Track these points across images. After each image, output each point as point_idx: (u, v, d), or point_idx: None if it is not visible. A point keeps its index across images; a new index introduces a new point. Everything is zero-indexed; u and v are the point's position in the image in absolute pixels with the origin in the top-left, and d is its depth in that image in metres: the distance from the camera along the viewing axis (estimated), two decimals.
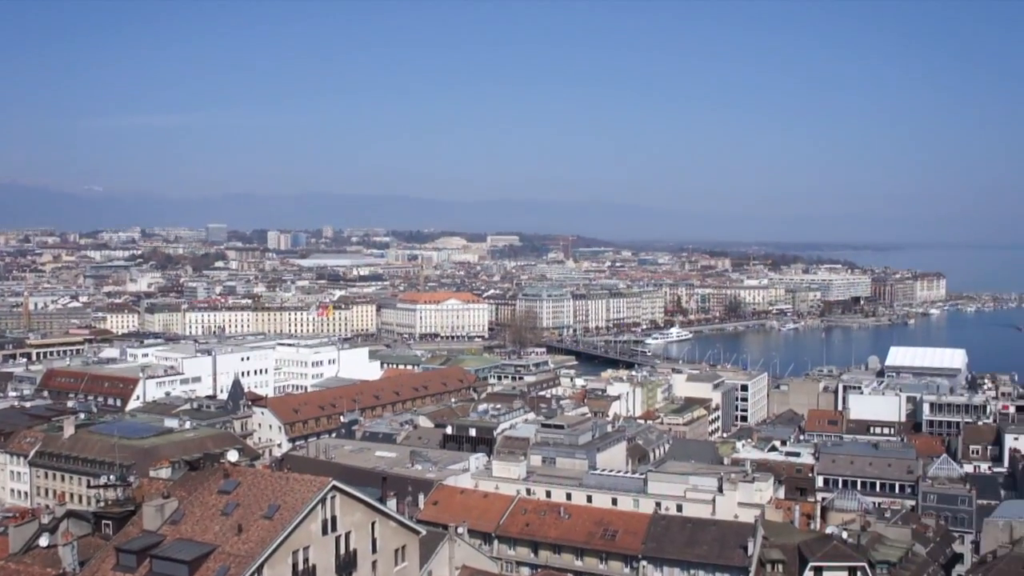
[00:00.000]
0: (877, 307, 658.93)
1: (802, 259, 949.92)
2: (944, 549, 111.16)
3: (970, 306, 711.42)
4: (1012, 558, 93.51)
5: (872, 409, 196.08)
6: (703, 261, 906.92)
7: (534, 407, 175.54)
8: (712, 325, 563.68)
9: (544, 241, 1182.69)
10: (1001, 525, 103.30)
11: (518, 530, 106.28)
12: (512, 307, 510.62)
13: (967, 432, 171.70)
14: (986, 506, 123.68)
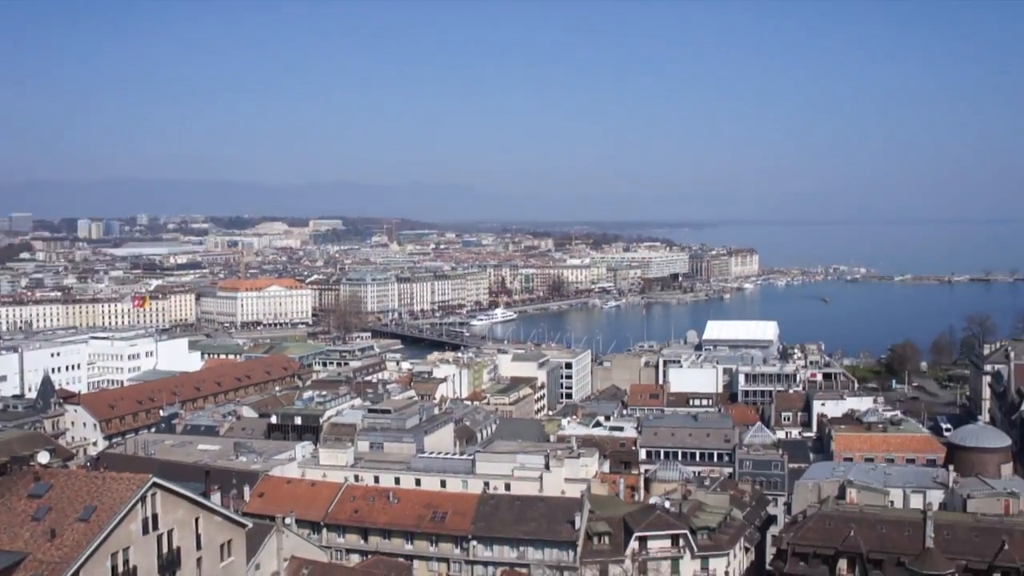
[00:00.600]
0: (695, 283, 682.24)
1: (623, 238, 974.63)
2: (760, 512, 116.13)
3: (781, 280, 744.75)
4: (820, 516, 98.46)
5: (691, 382, 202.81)
6: (527, 242, 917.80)
7: (360, 392, 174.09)
8: (536, 305, 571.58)
9: (368, 225, 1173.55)
10: (811, 486, 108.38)
11: (347, 517, 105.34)
12: (336, 292, 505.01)
13: (779, 400, 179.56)
14: (797, 469, 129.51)
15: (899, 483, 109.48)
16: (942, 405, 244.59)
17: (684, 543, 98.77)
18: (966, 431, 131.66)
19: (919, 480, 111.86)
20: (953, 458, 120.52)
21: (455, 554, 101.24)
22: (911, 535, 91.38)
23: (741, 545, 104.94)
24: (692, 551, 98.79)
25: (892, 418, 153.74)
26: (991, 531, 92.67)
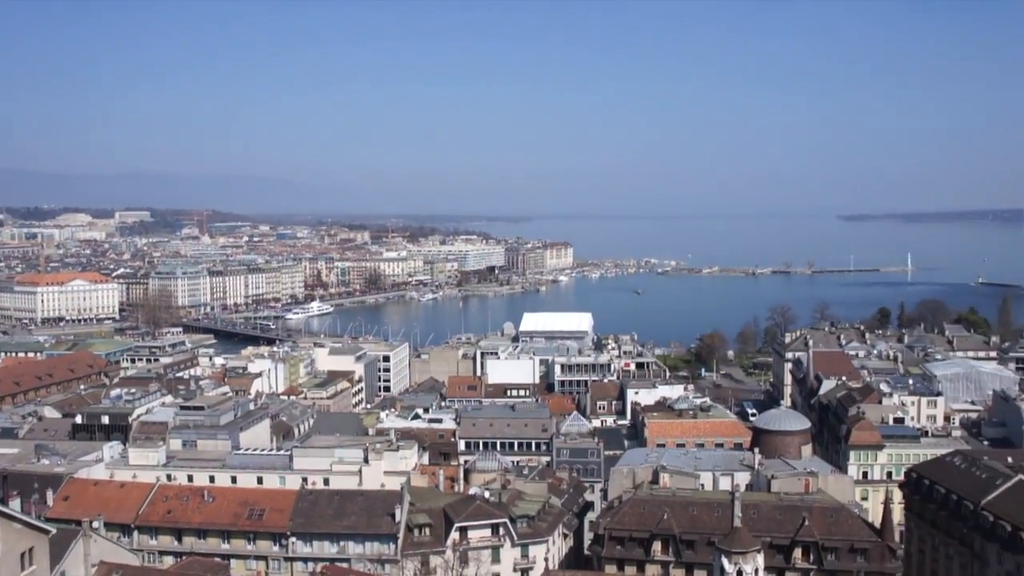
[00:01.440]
0: (511, 276, 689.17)
1: (439, 231, 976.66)
2: (577, 499, 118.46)
3: (595, 272, 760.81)
4: (635, 500, 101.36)
5: (508, 373, 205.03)
6: (343, 235, 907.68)
7: (172, 389, 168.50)
8: (353, 298, 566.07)
9: (177, 216, 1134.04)
10: (625, 472, 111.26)
11: (159, 518, 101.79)
12: (145, 286, 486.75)
13: (594, 389, 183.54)
14: (612, 456, 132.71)
15: (709, 466, 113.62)
16: (748, 391, 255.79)
17: (504, 532, 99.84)
18: (769, 415, 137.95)
19: (727, 463, 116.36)
20: (758, 441, 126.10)
21: (274, 551, 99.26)
22: (720, 515, 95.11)
23: (560, 532, 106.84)
24: (512, 539, 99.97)
25: (702, 405, 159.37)
26: (793, 509, 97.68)
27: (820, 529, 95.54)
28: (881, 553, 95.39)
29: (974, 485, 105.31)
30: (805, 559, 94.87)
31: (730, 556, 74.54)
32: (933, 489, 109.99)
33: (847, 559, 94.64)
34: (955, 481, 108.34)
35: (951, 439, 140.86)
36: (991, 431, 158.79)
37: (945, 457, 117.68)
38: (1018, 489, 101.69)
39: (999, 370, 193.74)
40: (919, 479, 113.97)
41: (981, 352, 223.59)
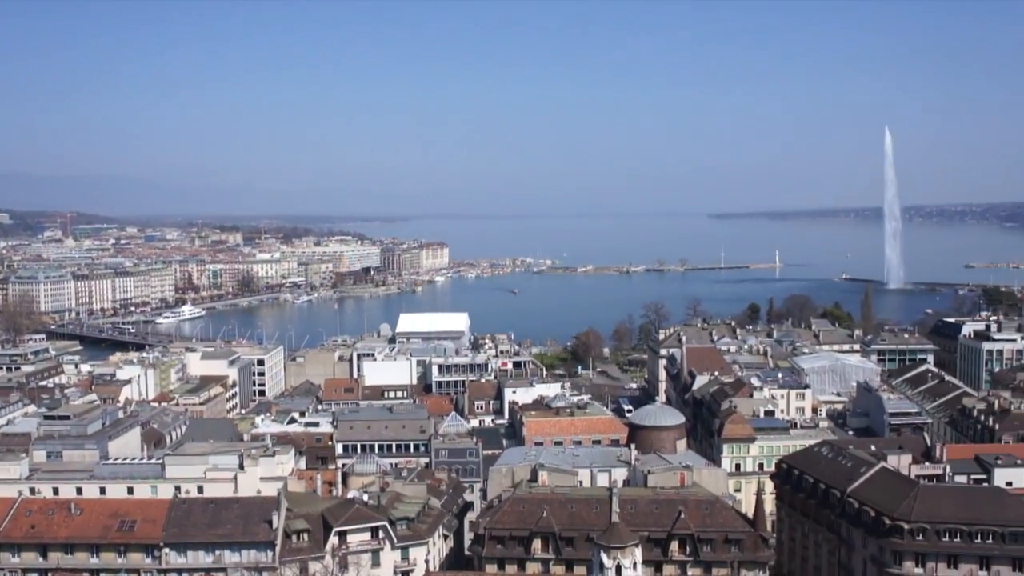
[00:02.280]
0: (387, 276, 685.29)
1: (314, 232, 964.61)
2: (457, 499, 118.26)
3: (471, 273, 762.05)
4: (515, 499, 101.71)
5: (386, 375, 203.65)
6: (214, 236, 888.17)
7: (34, 399, 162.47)
8: (225, 301, 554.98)
9: (39, 219, 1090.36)
10: (504, 471, 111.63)
11: (22, 534, 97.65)
12: (4, 291, 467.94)
13: (472, 389, 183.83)
14: (491, 455, 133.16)
15: (586, 463, 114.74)
16: (624, 388, 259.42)
17: (384, 535, 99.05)
18: (645, 411, 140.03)
19: (604, 459, 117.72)
20: (634, 437, 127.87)
21: (146, 563, 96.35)
22: (599, 511, 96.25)
23: (440, 533, 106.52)
24: (392, 542, 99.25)
25: (578, 402, 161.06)
26: (669, 502, 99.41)
27: (695, 521, 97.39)
28: (754, 543, 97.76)
29: (840, 474, 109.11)
30: (682, 551, 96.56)
31: (609, 551, 75.43)
32: (802, 479, 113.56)
33: (722, 550, 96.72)
34: (823, 470, 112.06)
35: (818, 430, 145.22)
36: (855, 421, 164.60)
37: (813, 448, 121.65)
38: (881, 476, 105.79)
39: (862, 362, 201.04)
40: (789, 469, 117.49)
41: (845, 345, 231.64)
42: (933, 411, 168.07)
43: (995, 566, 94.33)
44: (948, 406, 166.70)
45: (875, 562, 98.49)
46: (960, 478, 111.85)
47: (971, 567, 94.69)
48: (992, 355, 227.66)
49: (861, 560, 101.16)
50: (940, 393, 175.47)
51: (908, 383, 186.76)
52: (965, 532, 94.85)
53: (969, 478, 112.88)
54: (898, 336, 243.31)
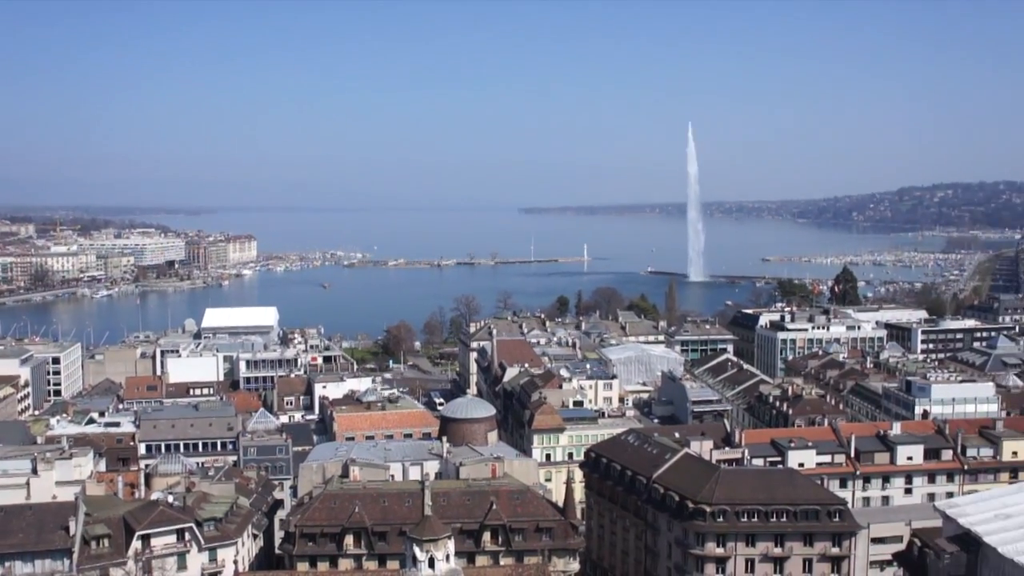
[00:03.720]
0: (192, 270, 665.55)
1: (114, 224, 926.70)
2: (266, 497, 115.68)
3: (280, 266, 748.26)
4: (326, 496, 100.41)
5: (191, 371, 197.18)
6: (3, 227, 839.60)
7: None
8: (17, 296, 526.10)
9: None
10: (315, 468, 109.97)
11: None
12: None
13: (281, 385, 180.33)
14: (302, 452, 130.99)
15: (398, 457, 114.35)
16: (435, 381, 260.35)
17: (190, 537, 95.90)
18: (456, 404, 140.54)
19: (416, 453, 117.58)
20: (446, 430, 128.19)
21: None
22: (412, 505, 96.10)
23: (249, 532, 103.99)
24: (199, 544, 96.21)
25: (390, 396, 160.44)
26: (481, 494, 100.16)
27: (507, 512, 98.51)
28: (565, 530, 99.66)
29: (646, 460, 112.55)
30: (494, 542, 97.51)
31: (421, 544, 75.18)
32: (610, 467, 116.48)
33: (533, 539, 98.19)
34: (629, 458, 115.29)
35: (625, 419, 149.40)
36: (660, 409, 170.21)
37: (620, 436, 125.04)
38: (684, 462, 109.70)
39: (667, 352, 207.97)
40: (597, 458, 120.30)
41: (651, 336, 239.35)
42: (733, 398, 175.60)
43: (789, 542, 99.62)
44: (746, 393, 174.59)
45: (679, 544, 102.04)
46: (757, 461, 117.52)
47: (767, 544, 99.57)
48: (786, 344, 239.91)
49: (666, 543, 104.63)
50: (739, 381, 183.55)
51: (709, 372, 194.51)
52: (762, 512, 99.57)
53: (765, 461, 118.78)
54: (700, 327, 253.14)
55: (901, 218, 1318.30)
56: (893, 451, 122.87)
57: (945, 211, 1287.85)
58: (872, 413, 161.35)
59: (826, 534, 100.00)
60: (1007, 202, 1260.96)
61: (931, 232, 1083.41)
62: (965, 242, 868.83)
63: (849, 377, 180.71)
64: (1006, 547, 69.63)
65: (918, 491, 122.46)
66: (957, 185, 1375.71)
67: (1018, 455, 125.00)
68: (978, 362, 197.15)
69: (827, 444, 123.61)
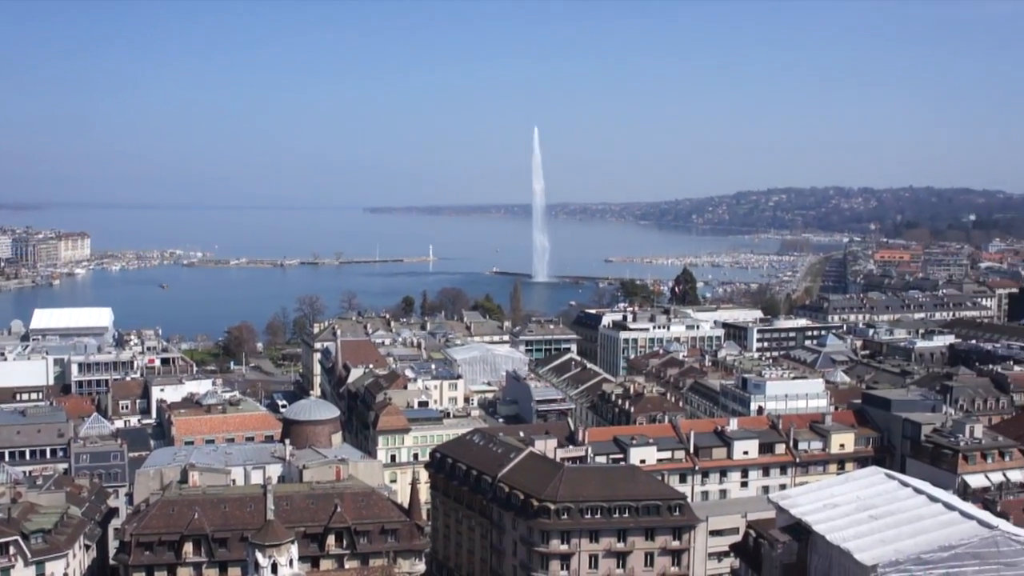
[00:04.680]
0: (19, 269, 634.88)
1: None
2: (100, 506, 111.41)
3: (115, 265, 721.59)
4: (164, 503, 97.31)
5: (17, 375, 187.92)
6: None
7: None
8: None
9: None
10: (152, 474, 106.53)
11: None
12: None
13: (116, 389, 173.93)
14: (138, 458, 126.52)
15: (240, 461, 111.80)
16: (278, 383, 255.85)
17: (15, 550, 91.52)
18: (299, 406, 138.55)
19: (259, 456, 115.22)
20: (289, 432, 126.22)
21: None
22: (253, 510, 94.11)
23: (81, 544, 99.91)
24: (25, 558, 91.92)
25: (231, 399, 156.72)
26: (325, 497, 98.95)
27: (352, 514, 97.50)
28: (410, 531, 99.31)
29: (491, 460, 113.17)
30: (339, 545, 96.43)
31: (263, 550, 73.86)
32: (455, 467, 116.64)
33: (378, 541, 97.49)
34: (474, 458, 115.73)
35: (471, 419, 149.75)
36: (505, 409, 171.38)
37: (465, 436, 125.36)
38: (528, 461, 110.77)
39: (512, 352, 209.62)
40: (443, 458, 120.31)
41: (496, 336, 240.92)
42: (576, 397, 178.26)
43: (631, 537, 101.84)
44: (589, 392, 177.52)
45: (524, 542, 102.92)
46: (600, 458, 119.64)
47: (610, 540, 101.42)
48: (628, 343, 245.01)
49: (512, 541, 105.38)
50: (582, 380, 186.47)
51: (553, 371, 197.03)
52: (605, 508, 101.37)
53: (608, 458, 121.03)
54: (544, 327, 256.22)
55: (738, 221, 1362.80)
56: (730, 446, 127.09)
57: (779, 215, 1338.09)
58: (710, 410, 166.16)
59: (667, 528, 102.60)
60: (836, 207, 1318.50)
61: (766, 235, 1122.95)
62: (797, 245, 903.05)
63: (688, 375, 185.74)
64: (833, 535, 72.94)
65: (754, 484, 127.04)
66: (791, 190, 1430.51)
67: (845, 447, 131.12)
68: (809, 359, 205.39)
69: (667, 440, 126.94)
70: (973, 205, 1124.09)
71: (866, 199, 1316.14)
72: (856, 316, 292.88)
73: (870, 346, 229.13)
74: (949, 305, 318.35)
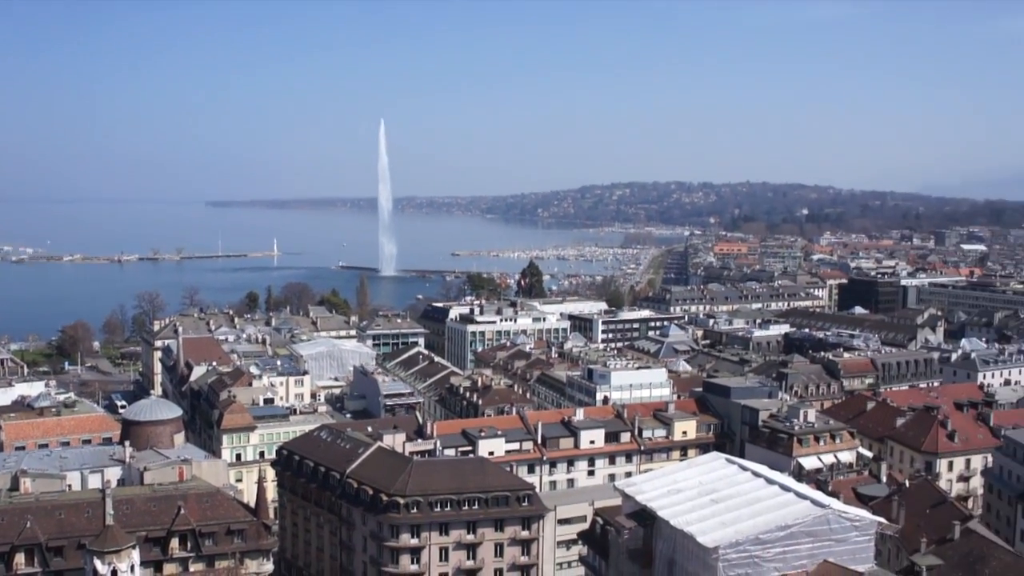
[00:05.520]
0: None
1: None
2: None
3: None
4: None
5: None
6: None
7: None
8: None
9: None
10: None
11: None
12: None
13: None
14: None
15: (76, 466, 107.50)
16: (117, 383, 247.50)
17: None
18: (139, 406, 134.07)
19: (96, 460, 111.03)
20: (128, 434, 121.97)
21: None
22: (91, 516, 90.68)
23: None
24: None
25: (65, 401, 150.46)
26: (168, 499, 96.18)
27: (196, 516, 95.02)
28: (257, 531, 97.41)
29: (339, 456, 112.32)
30: (183, 548, 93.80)
31: (103, 556, 71.44)
32: (303, 464, 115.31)
33: (224, 542, 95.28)
34: (322, 454, 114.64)
35: (318, 415, 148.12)
36: (353, 404, 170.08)
37: (313, 432, 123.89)
38: (377, 456, 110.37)
39: (359, 347, 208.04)
40: (290, 456, 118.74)
41: (342, 331, 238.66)
42: (424, 390, 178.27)
43: (481, 528, 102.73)
44: (438, 385, 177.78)
45: (375, 538, 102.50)
46: (449, 451, 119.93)
47: (460, 532, 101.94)
48: (476, 336, 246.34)
49: (362, 537, 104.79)
50: (430, 373, 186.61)
51: (401, 365, 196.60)
52: (454, 501, 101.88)
53: (457, 451, 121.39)
54: (391, 321, 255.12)
55: (583, 215, 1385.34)
56: (577, 436, 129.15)
57: (623, 208, 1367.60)
58: (557, 401, 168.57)
59: (516, 519, 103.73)
60: (677, 201, 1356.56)
61: (610, 228, 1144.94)
62: (641, 238, 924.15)
63: (535, 367, 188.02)
64: (677, 519, 75.09)
65: (600, 472, 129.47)
66: (634, 184, 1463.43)
67: (687, 435, 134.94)
68: (652, 350, 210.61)
69: (516, 432, 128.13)
70: (806, 200, 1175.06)
71: (706, 194, 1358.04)
72: (697, 307, 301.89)
73: (710, 336, 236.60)
74: (784, 296, 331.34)
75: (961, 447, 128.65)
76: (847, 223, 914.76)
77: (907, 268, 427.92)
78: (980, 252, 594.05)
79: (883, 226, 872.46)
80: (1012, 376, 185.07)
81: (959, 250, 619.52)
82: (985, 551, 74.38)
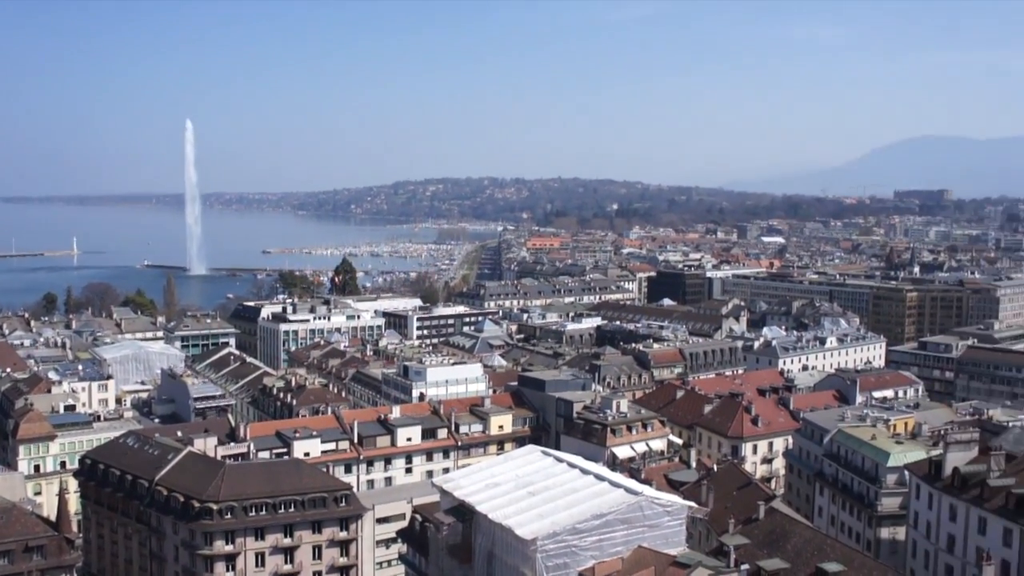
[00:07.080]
0: None
1: None
2: None
3: None
4: None
5: None
6: None
7: None
8: None
9: None
10: None
11: None
12: None
13: None
14: None
15: None
16: None
17: None
18: None
19: None
20: None
21: None
22: None
23: None
24: None
25: None
26: None
27: None
28: (59, 546, 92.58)
29: (147, 463, 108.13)
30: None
31: None
32: (108, 472, 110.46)
33: (22, 560, 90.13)
34: (129, 462, 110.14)
35: (124, 420, 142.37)
36: (161, 408, 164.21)
37: (118, 439, 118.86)
38: (188, 461, 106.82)
39: (167, 349, 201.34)
40: (94, 464, 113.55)
41: (149, 333, 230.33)
42: (236, 392, 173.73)
43: (298, 531, 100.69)
44: (250, 386, 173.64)
45: (187, 546, 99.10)
46: (263, 454, 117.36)
47: (277, 536, 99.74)
48: (289, 335, 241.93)
49: (173, 546, 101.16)
50: (242, 374, 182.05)
51: (212, 367, 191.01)
52: (270, 504, 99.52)
53: (271, 453, 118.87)
54: (201, 321, 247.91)
55: (397, 211, 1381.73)
56: (394, 434, 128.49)
57: (436, 204, 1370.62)
58: (373, 399, 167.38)
59: (333, 520, 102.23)
60: (490, 196, 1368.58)
61: (424, 224, 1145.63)
62: (454, 233, 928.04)
63: (351, 365, 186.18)
64: (495, 513, 75.60)
65: (418, 469, 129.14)
66: (447, 180, 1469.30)
67: (504, 428, 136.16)
68: (468, 345, 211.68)
69: (331, 432, 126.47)
70: (616, 195, 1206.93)
71: (519, 189, 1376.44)
72: (511, 301, 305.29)
73: (525, 330, 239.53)
74: (596, 289, 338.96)
75: (764, 431, 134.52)
76: (655, 217, 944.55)
77: (712, 261, 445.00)
78: (779, 244, 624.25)
79: (689, 220, 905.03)
80: (809, 361, 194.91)
81: (760, 243, 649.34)
82: (787, 528, 77.71)
